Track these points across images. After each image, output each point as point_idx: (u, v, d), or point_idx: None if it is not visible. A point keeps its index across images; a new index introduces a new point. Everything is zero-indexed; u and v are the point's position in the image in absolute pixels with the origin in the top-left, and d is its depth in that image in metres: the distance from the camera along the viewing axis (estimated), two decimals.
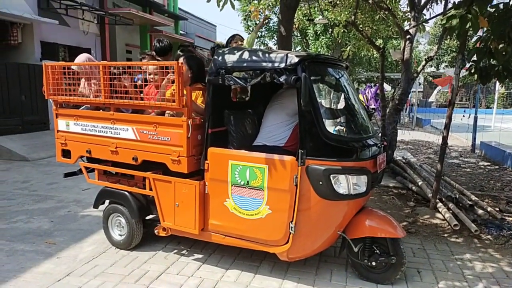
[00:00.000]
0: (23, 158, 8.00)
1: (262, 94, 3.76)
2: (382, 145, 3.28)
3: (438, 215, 4.77)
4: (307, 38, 14.97)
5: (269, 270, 3.34)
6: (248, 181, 2.98)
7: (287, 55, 2.91)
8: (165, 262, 3.46)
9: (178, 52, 3.82)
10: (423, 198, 5.40)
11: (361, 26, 8.53)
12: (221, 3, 4.13)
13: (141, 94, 3.44)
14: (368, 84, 17.48)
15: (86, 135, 3.66)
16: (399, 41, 15.41)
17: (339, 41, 13.75)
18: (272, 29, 15.36)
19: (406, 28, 7.59)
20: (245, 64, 3.04)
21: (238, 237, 3.15)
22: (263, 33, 15.67)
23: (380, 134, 3.43)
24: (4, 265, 3.41)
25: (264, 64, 2.94)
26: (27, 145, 8.26)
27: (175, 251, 3.68)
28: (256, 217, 3.00)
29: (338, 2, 9.18)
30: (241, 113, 3.41)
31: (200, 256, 3.59)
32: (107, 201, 3.81)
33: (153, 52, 4.07)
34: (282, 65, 2.86)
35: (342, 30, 10.54)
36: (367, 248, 3.10)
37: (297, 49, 16.59)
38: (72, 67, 3.60)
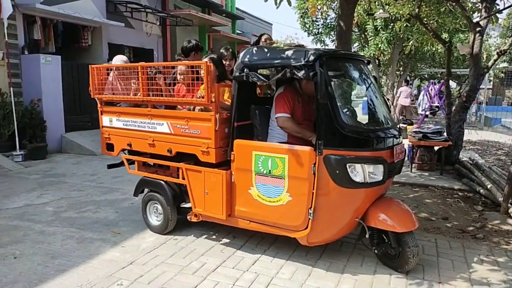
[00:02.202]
0: (91, 153, 8.63)
1: None
2: (400, 136, 3.43)
3: (510, 220, 4.51)
4: (365, 33, 14.52)
5: (325, 269, 3.38)
6: (270, 170, 3.25)
7: (305, 52, 3.13)
8: (222, 255, 3.61)
9: (221, 50, 4.20)
10: (493, 202, 5.15)
11: (425, 19, 8.21)
12: (278, 0, 4.20)
13: (173, 92, 3.82)
14: (432, 80, 16.62)
15: (127, 130, 4.11)
16: (466, 35, 14.48)
17: (401, 36, 13.20)
18: (329, 25, 15.07)
19: (476, 20, 7.11)
20: (267, 62, 3.31)
21: (262, 223, 3.42)
22: (319, 30, 15.40)
23: (398, 126, 3.61)
24: (75, 251, 3.74)
25: (284, 61, 3.19)
26: (95, 140, 8.89)
27: (231, 245, 3.83)
28: (278, 204, 3.25)
29: None
30: (265, 108, 3.66)
31: (255, 251, 3.70)
32: (146, 190, 4.22)
33: None
34: (301, 61, 3.08)
35: (404, 25, 10.14)
36: (375, 236, 3.28)
37: (355, 45, 16.12)
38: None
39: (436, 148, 7.16)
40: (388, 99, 4.01)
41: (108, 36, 10.95)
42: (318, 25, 15.43)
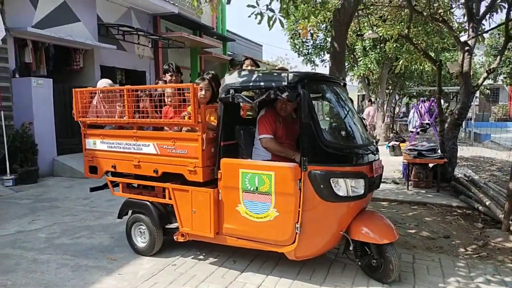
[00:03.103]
0: (83, 176, 8.34)
1: None
2: (377, 153, 3.66)
3: None
4: (354, 53, 14.75)
5: None
6: (257, 187, 3.37)
7: (288, 74, 3.34)
8: (223, 281, 3.55)
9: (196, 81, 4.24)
10: (492, 219, 5.17)
11: (414, 39, 8.28)
12: (271, 23, 4.38)
13: (160, 114, 3.93)
14: (421, 98, 16.84)
15: (111, 151, 4.19)
16: (452, 53, 14.79)
17: (390, 56, 13.41)
18: (319, 46, 15.31)
19: (463, 39, 7.24)
20: (251, 84, 3.48)
21: (250, 239, 3.51)
22: (309, 51, 15.62)
23: (375, 143, 3.87)
24: (69, 280, 3.64)
25: (268, 83, 3.38)
26: None
27: (233, 269, 3.76)
28: (265, 220, 3.36)
29: (389, 16, 8.99)
30: (249, 128, 3.83)
31: (257, 276, 3.63)
32: (130, 212, 4.25)
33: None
34: (284, 83, 3.27)
35: (394, 45, 10.32)
36: (359, 249, 3.42)
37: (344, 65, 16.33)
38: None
39: (431, 165, 7.18)
40: (364, 119, 4.22)
41: (100, 59, 11.03)
42: (308, 45, 15.71)
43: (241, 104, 3.90)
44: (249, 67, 4.51)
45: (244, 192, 3.44)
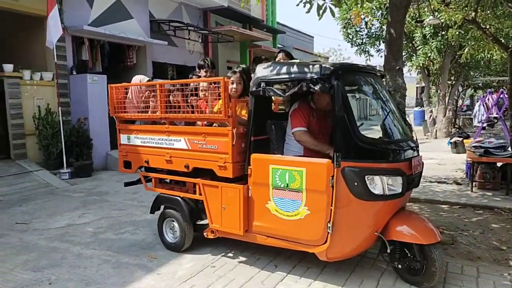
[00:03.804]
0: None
1: None
2: (418, 148, 3.46)
3: None
4: (413, 42, 13.82)
5: None
6: (287, 184, 3.26)
7: (321, 65, 3.19)
8: (263, 287, 3.35)
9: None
10: None
11: (481, 24, 7.48)
12: (320, 12, 4.18)
13: (192, 108, 3.91)
14: (489, 90, 15.47)
15: (144, 147, 4.23)
16: None
17: (452, 44, 12.40)
18: (374, 35, 14.51)
19: None
20: (283, 76, 3.35)
21: (280, 238, 3.42)
22: (363, 40, 14.87)
23: (415, 138, 3.62)
24: (109, 277, 3.66)
25: (300, 75, 3.24)
26: None
27: (273, 275, 3.59)
28: (296, 218, 3.25)
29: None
30: (281, 122, 3.73)
31: (299, 283, 3.44)
32: (162, 207, 4.28)
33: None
34: (317, 75, 3.13)
35: (457, 31, 9.46)
36: (398, 251, 3.23)
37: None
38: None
39: (499, 164, 6.47)
40: (404, 113, 3.96)
41: (152, 55, 11.31)
42: (362, 35, 14.97)
43: (273, 97, 3.82)
44: (284, 59, 4.35)
45: (274, 189, 3.34)
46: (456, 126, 16.56)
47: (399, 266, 3.27)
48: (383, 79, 3.98)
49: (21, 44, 9.03)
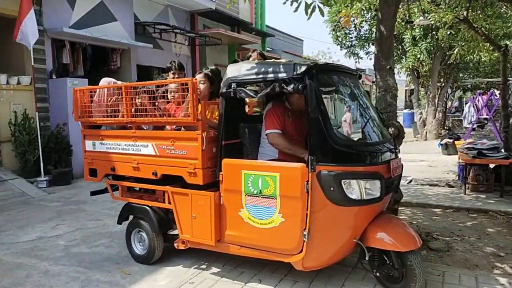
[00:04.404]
0: None
1: None
2: (396, 150, 3.32)
3: None
4: (403, 44, 13.67)
5: None
6: (261, 190, 3.10)
7: (294, 64, 3.05)
8: None
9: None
10: None
11: (473, 24, 7.29)
12: (309, 11, 3.99)
13: (160, 111, 3.72)
14: (479, 91, 15.38)
15: (110, 153, 4.00)
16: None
17: (442, 45, 12.25)
18: (363, 37, 14.35)
19: None
20: (255, 77, 3.19)
21: (254, 247, 3.24)
22: (353, 43, 14.70)
23: (392, 141, 3.45)
24: None
25: (272, 75, 3.09)
26: None
27: None
28: (270, 226, 3.09)
29: (442, 0, 8.02)
30: (255, 125, 3.56)
31: None
32: (130, 217, 4.07)
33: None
34: (290, 74, 2.99)
35: (447, 32, 9.28)
36: (376, 258, 3.11)
37: None
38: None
39: (491, 166, 6.24)
40: (381, 113, 3.84)
41: (136, 58, 11.08)
42: (351, 37, 14.85)
43: (246, 99, 3.67)
44: (256, 61, 4.14)
45: (247, 196, 3.17)
46: (445, 127, 16.44)
47: (378, 274, 3.15)
48: (360, 80, 3.82)
49: None
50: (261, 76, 3.14)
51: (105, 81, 4.29)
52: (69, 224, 5.39)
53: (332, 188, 2.85)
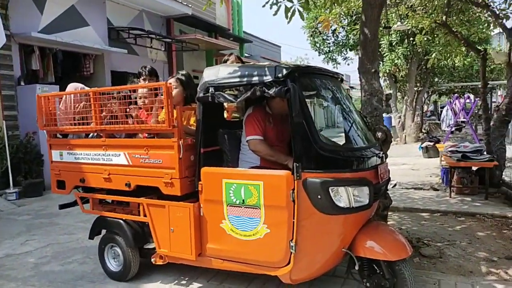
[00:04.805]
0: None
1: None
2: (383, 155, 3.20)
3: None
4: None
5: None
6: (243, 200, 2.92)
7: (275, 67, 2.90)
8: None
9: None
10: None
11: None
12: (289, 14, 3.91)
13: (131, 119, 3.53)
14: (455, 95, 15.67)
15: (79, 164, 3.76)
16: (483, 46, 13.62)
17: (419, 50, 12.40)
18: (341, 43, 14.41)
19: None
20: (234, 80, 3.02)
21: (238, 261, 3.05)
22: (330, 48, 14.76)
23: (378, 146, 3.35)
24: None
25: (253, 78, 2.93)
26: None
27: None
28: (254, 238, 2.92)
29: (419, 6, 8.07)
30: (235, 132, 3.41)
31: None
32: (103, 231, 3.84)
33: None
34: (271, 77, 2.84)
35: (424, 38, 9.37)
36: (366, 267, 2.97)
37: None
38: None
39: (474, 168, 6.24)
40: (365, 117, 3.75)
41: (110, 64, 10.73)
42: (329, 43, 14.88)
43: (225, 104, 3.53)
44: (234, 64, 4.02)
45: (229, 206, 2.98)
46: (423, 131, 16.66)
47: (368, 284, 2.99)
48: (343, 83, 3.73)
49: None
50: (240, 79, 2.97)
51: (72, 86, 4.03)
52: (40, 239, 5.06)
53: (319, 196, 2.70)
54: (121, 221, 3.55)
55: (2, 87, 7.72)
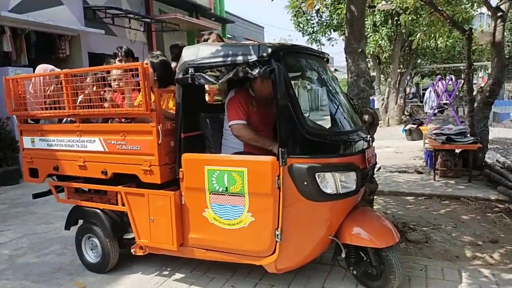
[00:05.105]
0: None
1: None
2: (370, 138, 3.09)
3: None
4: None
5: None
6: (227, 187, 2.80)
7: (259, 45, 2.75)
8: None
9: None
10: None
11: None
12: None
13: (106, 102, 3.35)
14: (438, 77, 15.72)
15: (52, 151, 3.59)
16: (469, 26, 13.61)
17: (403, 31, 12.30)
18: (325, 23, 14.17)
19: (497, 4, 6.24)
20: (215, 60, 2.85)
21: (221, 251, 2.96)
22: (314, 29, 14.51)
23: (365, 129, 3.27)
24: None
25: (235, 57, 2.77)
26: None
27: None
28: (238, 227, 2.82)
29: None
30: (217, 115, 3.24)
31: None
32: (80, 222, 3.71)
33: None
34: (255, 57, 2.68)
35: (409, 17, 9.27)
36: (353, 254, 2.92)
37: None
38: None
39: (457, 151, 6.25)
40: (352, 99, 3.62)
41: (87, 45, 10.36)
42: (313, 23, 14.57)
43: (206, 87, 3.36)
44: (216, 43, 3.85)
45: (211, 194, 2.86)
46: (406, 113, 16.75)
47: (355, 272, 2.95)
48: (328, 63, 3.57)
49: None
50: (222, 59, 2.80)
51: (41, 68, 3.81)
52: (16, 229, 4.87)
53: (305, 183, 2.61)
54: (98, 210, 3.40)
55: None
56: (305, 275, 3.21)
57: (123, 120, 3.30)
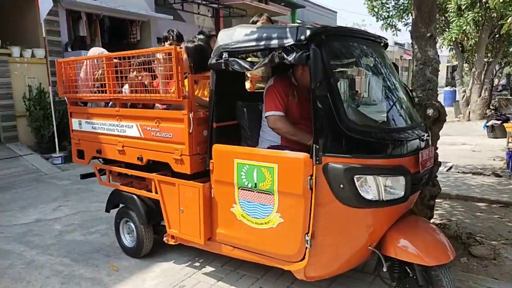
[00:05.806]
0: None
1: None
2: (428, 137, 2.69)
3: None
4: (446, 15, 12.39)
5: None
6: (256, 184, 2.58)
7: (297, 27, 2.44)
8: None
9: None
10: None
11: None
12: None
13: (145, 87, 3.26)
14: None
15: (96, 134, 3.63)
16: None
17: (492, 15, 10.94)
18: (402, 7, 13.12)
19: None
20: (250, 44, 2.59)
21: (248, 250, 2.76)
22: (390, 13, 13.52)
23: (423, 126, 2.80)
24: None
25: (271, 41, 2.49)
26: None
27: None
28: (266, 227, 2.59)
29: None
30: (256, 105, 3.02)
31: None
32: (121, 205, 3.72)
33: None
34: (292, 40, 2.39)
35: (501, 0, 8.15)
36: (397, 269, 2.57)
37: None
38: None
39: None
40: (411, 91, 3.21)
41: (157, 31, 10.64)
42: (389, 7, 13.58)
43: (247, 73, 3.14)
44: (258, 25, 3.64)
45: (240, 189, 2.66)
46: (492, 107, 15.08)
47: None
48: (386, 48, 3.17)
49: (11, 18, 8.43)
50: (257, 43, 2.54)
51: (93, 51, 3.86)
52: (72, 206, 5.11)
53: (341, 186, 2.30)
54: (135, 196, 3.39)
55: (49, 53, 7.85)
56: (343, 284, 2.91)
57: (164, 106, 3.22)
